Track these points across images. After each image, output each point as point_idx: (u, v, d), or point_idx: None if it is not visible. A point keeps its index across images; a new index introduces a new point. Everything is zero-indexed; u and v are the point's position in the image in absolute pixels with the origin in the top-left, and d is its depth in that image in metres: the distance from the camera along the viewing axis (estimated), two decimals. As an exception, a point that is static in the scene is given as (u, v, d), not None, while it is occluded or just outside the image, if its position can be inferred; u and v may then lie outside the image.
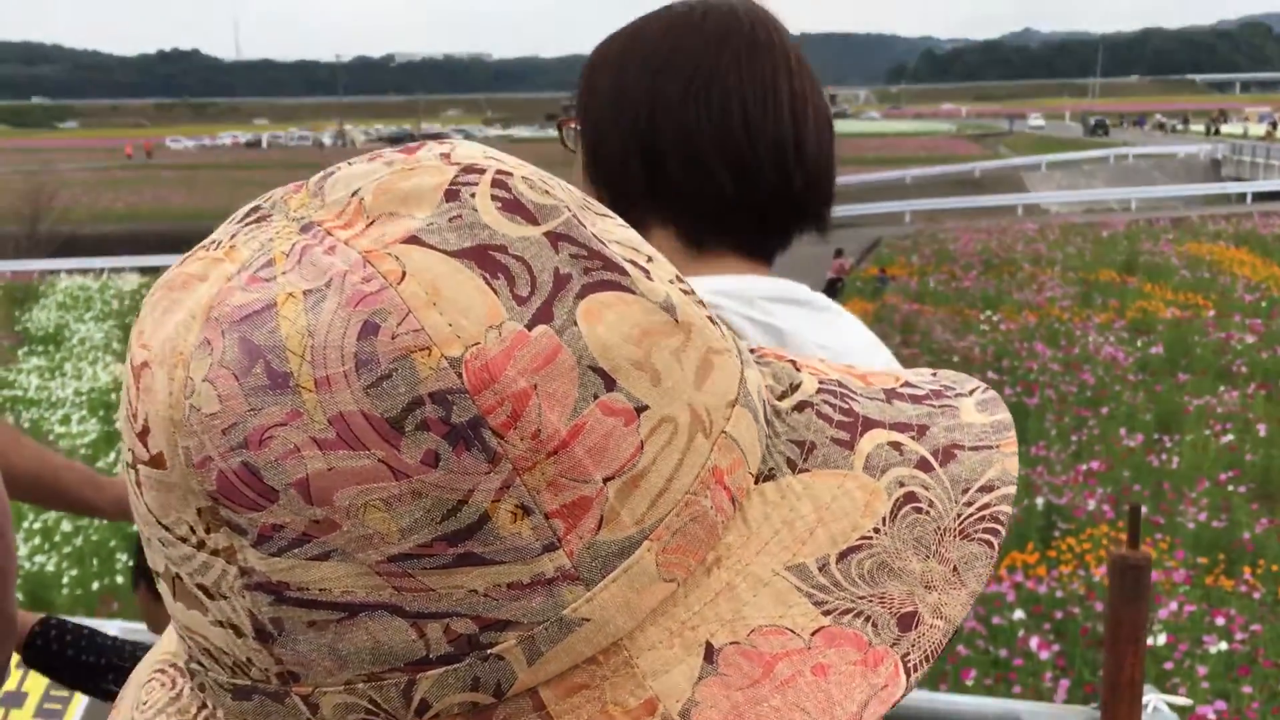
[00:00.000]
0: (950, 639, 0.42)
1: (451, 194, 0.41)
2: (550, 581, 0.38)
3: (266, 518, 0.38)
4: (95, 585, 7.78)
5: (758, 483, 0.44)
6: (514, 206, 0.41)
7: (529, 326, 0.38)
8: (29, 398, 13.61)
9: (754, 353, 0.50)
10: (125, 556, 7.89)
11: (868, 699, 0.39)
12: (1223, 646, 5.54)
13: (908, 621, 0.41)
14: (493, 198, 0.41)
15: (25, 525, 8.50)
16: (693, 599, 0.41)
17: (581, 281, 0.40)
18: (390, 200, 0.41)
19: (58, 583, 7.83)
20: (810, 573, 0.42)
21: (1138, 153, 53.01)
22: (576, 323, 0.39)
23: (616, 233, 0.44)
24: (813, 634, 0.40)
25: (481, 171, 0.42)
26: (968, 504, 0.44)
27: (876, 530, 0.43)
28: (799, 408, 0.47)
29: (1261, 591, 6.40)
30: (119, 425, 0.42)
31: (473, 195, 0.41)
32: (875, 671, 0.40)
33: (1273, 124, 68.56)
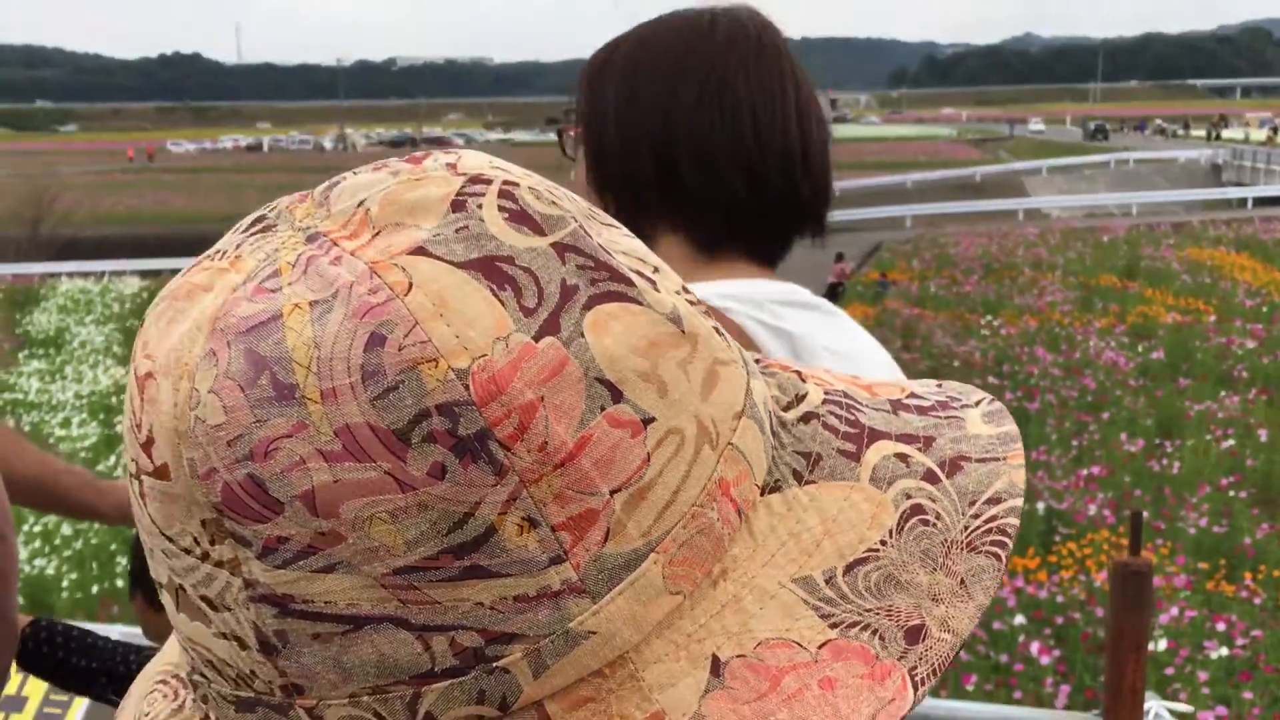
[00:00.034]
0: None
1: (458, 205, 0.40)
2: (556, 594, 0.38)
3: (271, 530, 0.38)
4: (95, 589, 7.76)
5: (764, 494, 0.44)
6: (521, 217, 0.41)
7: (536, 338, 0.38)
8: (29, 401, 13.60)
9: (759, 363, 0.50)
10: (125, 560, 7.87)
11: (875, 713, 0.39)
12: (1224, 652, 5.53)
13: (915, 635, 0.41)
14: (499, 208, 0.41)
15: (25, 528, 8.50)
16: (699, 611, 0.41)
17: (588, 293, 0.40)
18: (396, 211, 0.40)
19: (58, 586, 7.82)
20: (817, 585, 0.41)
21: (1139, 158, 53.00)
22: (583, 334, 0.39)
23: (623, 243, 0.43)
24: (819, 647, 0.40)
25: (488, 182, 0.42)
26: (975, 516, 0.44)
27: (883, 543, 0.43)
28: (805, 419, 0.47)
29: (1262, 597, 6.40)
30: (123, 435, 0.42)
31: (479, 206, 0.40)
32: (882, 685, 0.40)
33: (1273, 129, 68.54)
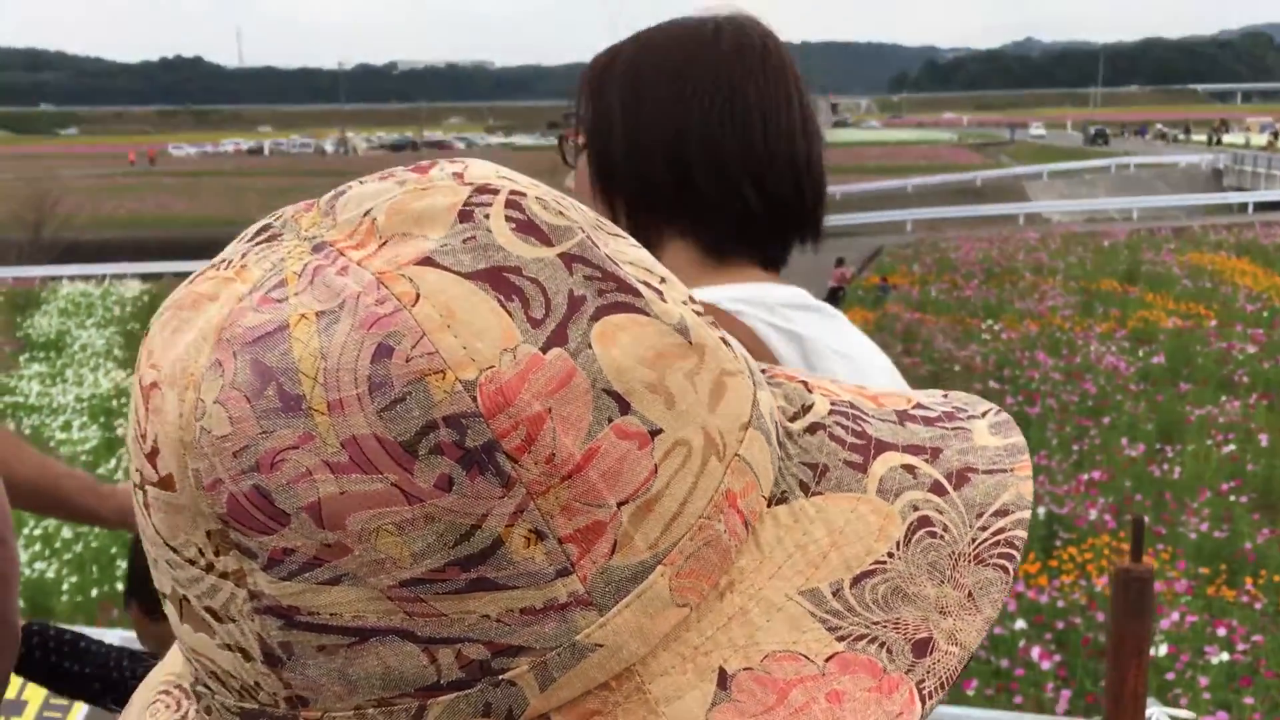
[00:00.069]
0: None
1: (465, 215, 0.40)
2: (563, 607, 0.38)
3: (277, 541, 0.38)
4: (94, 592, 7.77)
5: (770, 506, 0.43)
6: (528, 227, 0.40)
7: (544, 349, 0.38)
8: (30, 404, 13.60)
9: (765, 373, 0.49)
10: (125, 565, 7.86)
11: None
12: (1224, 657, 5.53)
13: (922, 648, 0.41)
14: (507, 219, 0.40)
15: (25, 532, 8.50)
16: (705, 624, 0.40)
17: (596, 304, 0.40)
18: (403, 221, 0.40)
19: (58, 589, 7.82)
20: (824, 597, 0.41)
21: (1139, 162, 53.01)
22: (591, 345, 0.39)
23: (629, 253, 0.43)
24: (827, 660, 0.40)
25: (495, 192, 0.41)
26: (982, 528, 0.44)
27: (890, 555, 0.42)
28: (811, 429, 0.47)
29: (1263, 602, 6.40)
30: (124, 439, 0.41)
31: (487, 216, 0.40)
32: (890, 699, 0.39)
33: (1274, 134, 68.56)
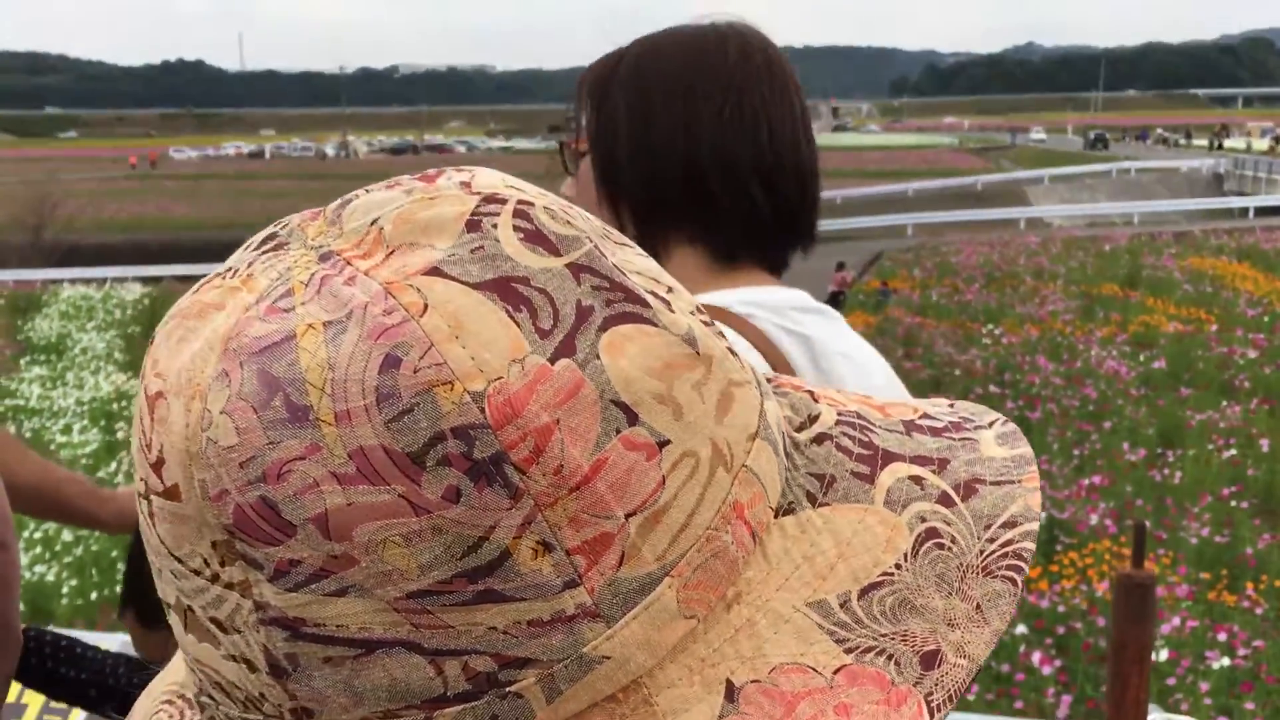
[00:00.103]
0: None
1: (473, 224, 0.40)
2: (571, 619, 0.38)
3: (283, 552, 0.37)
4: (95, 595, 7.75)
5: (777, 516, 0.43)
6: (536, 237, 0.40)
7: (552, 360, 0.38)
8: (31, 407, 13.58)
9: (771, 382, 0.49)
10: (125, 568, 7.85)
11: None
12: (1225, 662, 5.52)
13: (931, 660, 0.40)
14: (515, 228, 0.40)
15: (26, 535, 8.49)
16: (713, 635, 0.40)
17: (604, 314, 0.39)
18: (410, 230, 0.40)
19: (58, 593, 7.81)
20: (831, 609, 0.41)
21: (1140, 167, 53.01)
22: (599, 356, 0.39)
23: (637, 262, 0.43)
24: (835, 672, 0.40)
25: (503, 201, 0.41)
26: (990, 540, 0.43)
27: (898, 566, 0.42)
28: (818, 440, 0.47)
29: (1264, 607, 6.38)
30: (127, 446, 0.41)
31: (494, 226, 0.40)
32: (898, 712, 0.39)
33: (1275, 139, 68.58)
